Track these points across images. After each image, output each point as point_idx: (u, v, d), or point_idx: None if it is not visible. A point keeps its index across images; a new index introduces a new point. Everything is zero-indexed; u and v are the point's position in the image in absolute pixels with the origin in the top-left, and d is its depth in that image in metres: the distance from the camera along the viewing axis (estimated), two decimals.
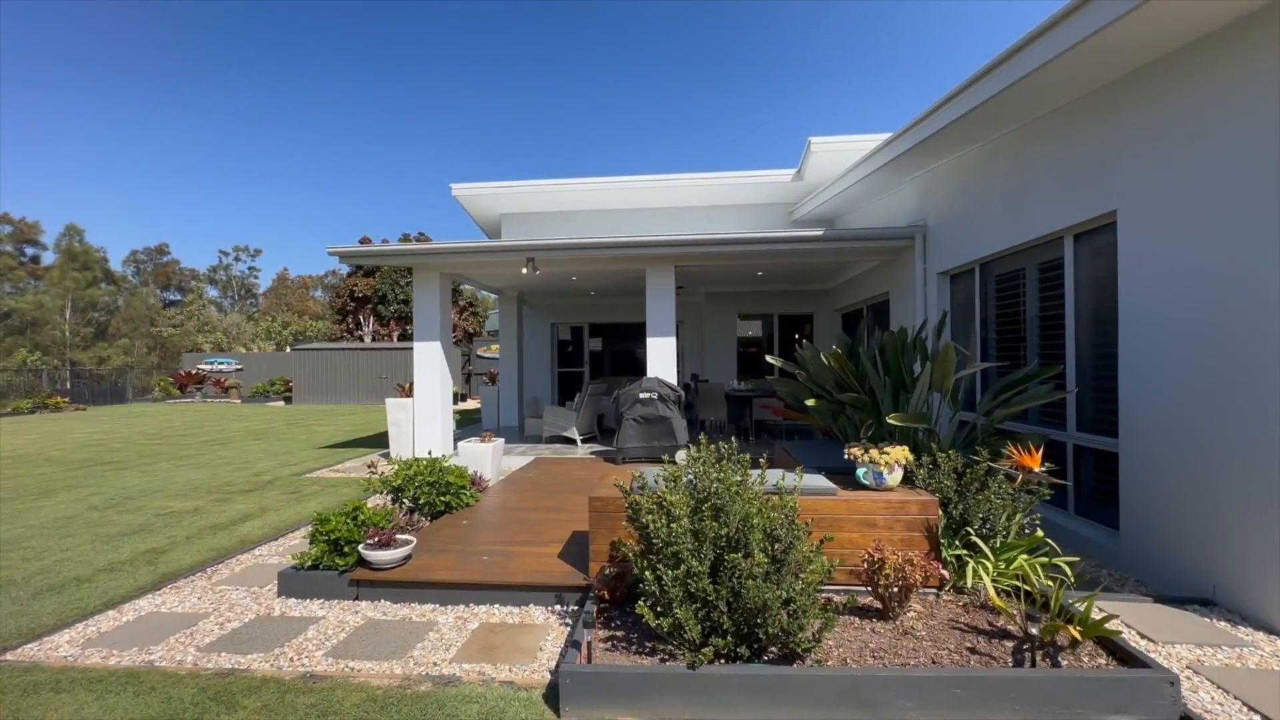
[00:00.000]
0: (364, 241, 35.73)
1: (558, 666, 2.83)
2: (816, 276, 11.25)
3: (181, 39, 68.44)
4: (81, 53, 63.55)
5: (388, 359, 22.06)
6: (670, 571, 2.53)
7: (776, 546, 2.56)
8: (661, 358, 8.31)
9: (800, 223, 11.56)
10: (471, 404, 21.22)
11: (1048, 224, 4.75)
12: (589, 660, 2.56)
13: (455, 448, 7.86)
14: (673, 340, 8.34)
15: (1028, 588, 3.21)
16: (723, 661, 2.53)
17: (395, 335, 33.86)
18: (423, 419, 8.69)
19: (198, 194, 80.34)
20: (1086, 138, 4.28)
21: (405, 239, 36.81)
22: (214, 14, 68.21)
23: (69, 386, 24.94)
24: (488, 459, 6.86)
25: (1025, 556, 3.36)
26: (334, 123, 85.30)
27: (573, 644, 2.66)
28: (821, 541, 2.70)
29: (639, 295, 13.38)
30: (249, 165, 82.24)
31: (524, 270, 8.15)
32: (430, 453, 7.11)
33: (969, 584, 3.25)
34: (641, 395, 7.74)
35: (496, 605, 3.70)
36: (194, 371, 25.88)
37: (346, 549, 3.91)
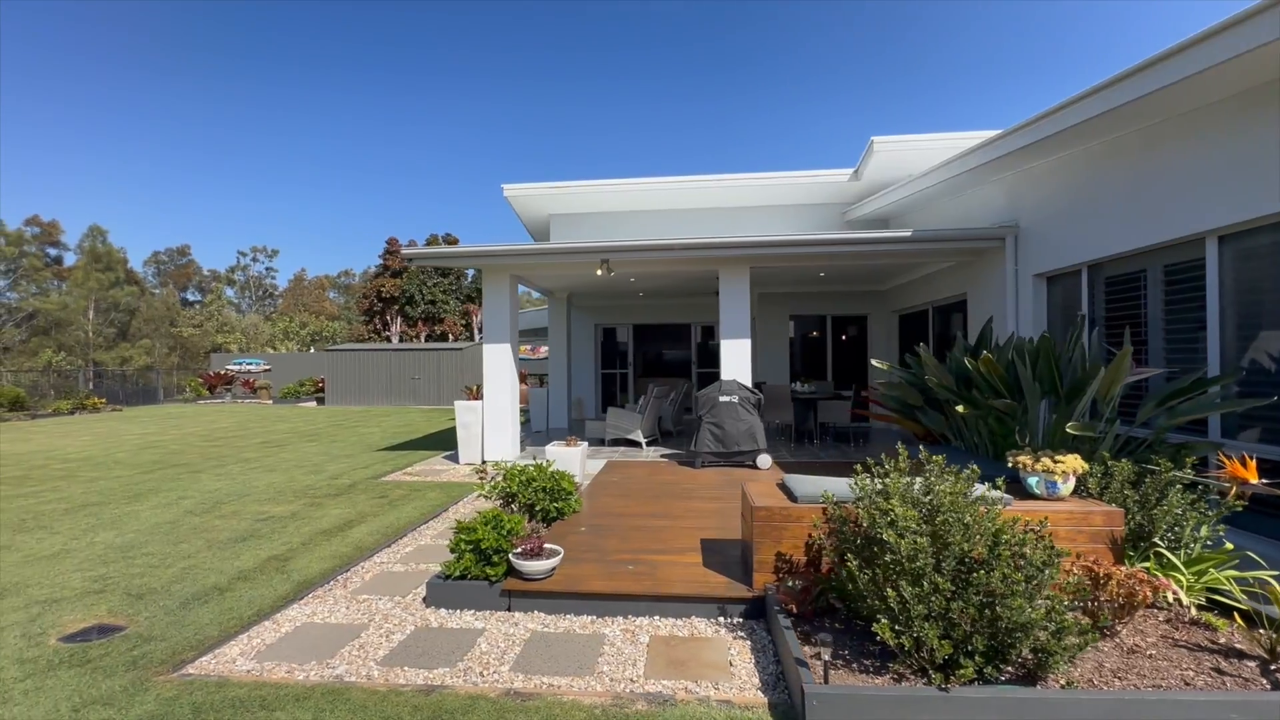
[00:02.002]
0: (390, 243, 35.83)
1: (790, 685, 2.75)
2: (876, 278, 11.12)
3: (197, 31, 68.93)
4: (94, 50, 64.05)
5: (420, 360, 22.04)
6: (911, 588, 2.44)
7: (1021, 562, 2.47)
8: (736, 359, 8.20)
9: (856, 223, 11.43)
10: None
11: (1185, 225, 4.61)
12: (825, 680, 2.47)
13: (545, 451, 7.80)
14: (748, 342, 8.24)
15: (1230, 602, 3.12)
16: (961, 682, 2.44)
17: (422, 336, 33.90)
18: (492, 422, 8.64)
19: (217, 192, 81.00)
20: (1238, 135, 4.15)
21: (433, 240, 36.85)
22: (230, 7, 68.66)
23: (92, 387, 25.08)
24: (576, 463, 6.79)
25: (1214, 570, 3.27)
26: (344, 117, 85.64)
27: (799, 662, 2.58)
28: (1058, 556, 2.60)
29: (688, 296, 13.40)
30: (260, 161, 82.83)
31: (599, 271, 8.07)
32: (536, 458, 7.00)
33: (1169, 599, 3.15)
34: (722, 399, 7.64)
35: (656, 617, 3.62)
36: (223, 372, 25.97)
37: (495, 559, 3.85)
